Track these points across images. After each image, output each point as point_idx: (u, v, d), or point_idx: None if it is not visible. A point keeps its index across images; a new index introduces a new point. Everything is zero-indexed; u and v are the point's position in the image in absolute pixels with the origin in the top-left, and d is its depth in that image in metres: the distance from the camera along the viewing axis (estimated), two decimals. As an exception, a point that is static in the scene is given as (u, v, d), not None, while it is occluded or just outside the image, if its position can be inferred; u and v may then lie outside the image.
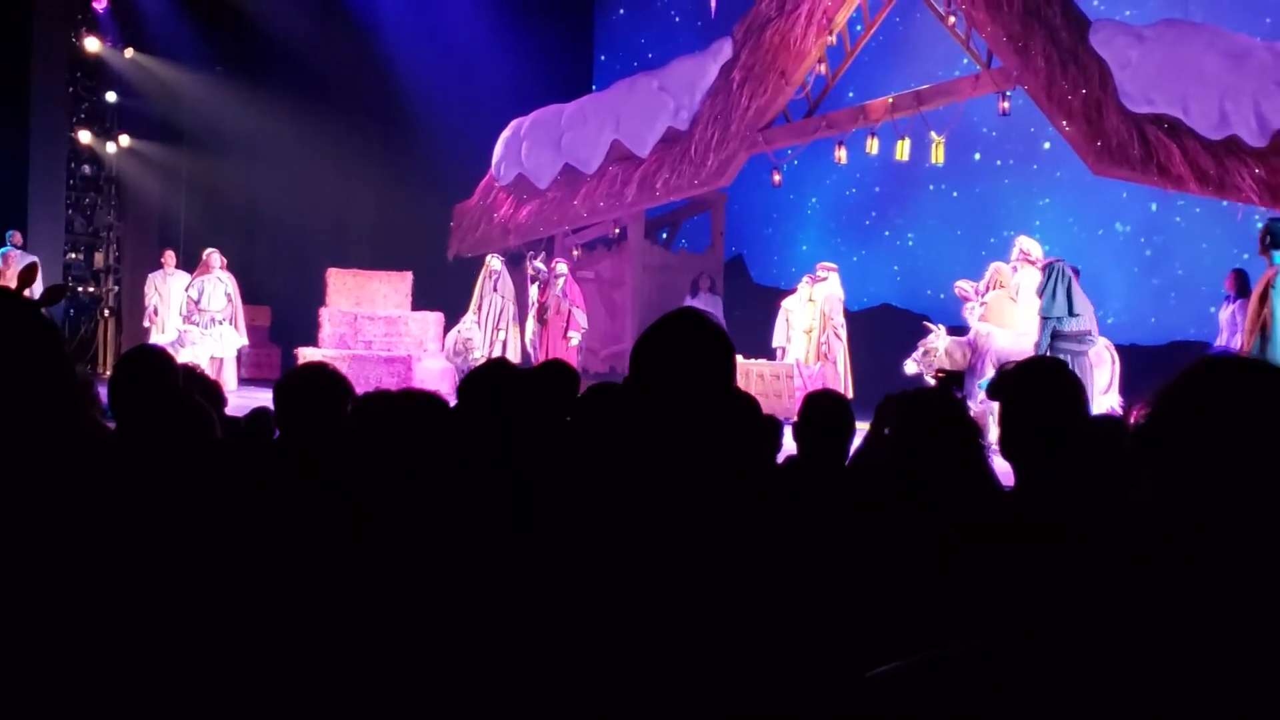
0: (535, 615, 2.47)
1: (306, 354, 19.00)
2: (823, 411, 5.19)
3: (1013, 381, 3.88)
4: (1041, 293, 13.62)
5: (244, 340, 19.19)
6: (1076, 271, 13.99)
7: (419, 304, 21.65)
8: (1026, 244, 15.58)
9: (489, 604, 2.57)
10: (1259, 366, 2.00)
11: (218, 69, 22.93)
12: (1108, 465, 4.06)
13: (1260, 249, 12.55)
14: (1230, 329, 14.95)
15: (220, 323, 18.53)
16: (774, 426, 5.81)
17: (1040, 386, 3.80)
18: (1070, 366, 13.48)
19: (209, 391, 5.88)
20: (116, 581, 2.27)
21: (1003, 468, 4.08)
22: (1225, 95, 14.77)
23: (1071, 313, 13.40)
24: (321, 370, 4.65)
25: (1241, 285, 14.95)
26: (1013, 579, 3.18)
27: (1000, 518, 3.56)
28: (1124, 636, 1.90)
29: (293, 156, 23.09)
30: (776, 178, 18.69)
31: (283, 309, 23.23)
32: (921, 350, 15.29)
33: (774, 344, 17.89)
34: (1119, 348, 15.06)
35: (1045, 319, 13.52)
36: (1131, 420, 5.49)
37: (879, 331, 19.36)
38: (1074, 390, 3.88)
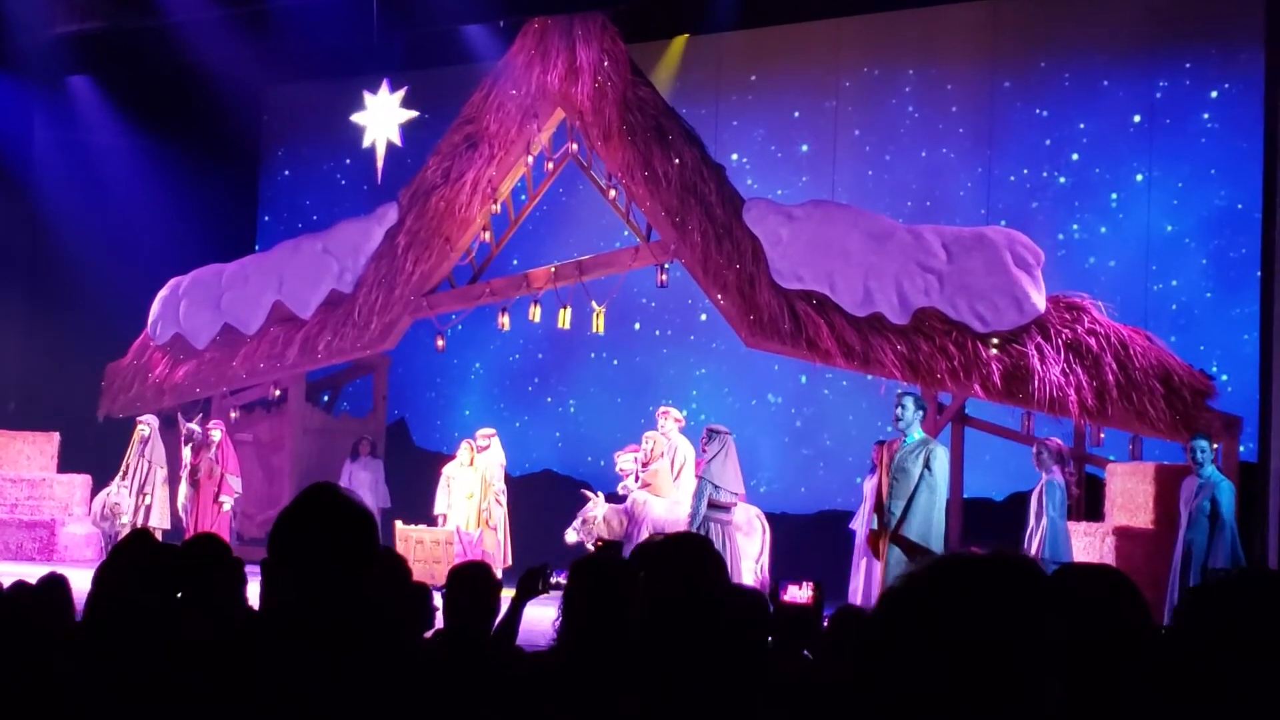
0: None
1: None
2: (464, 582, 5.13)
3: (656, 553, 3.93)
4: (709, 457, 13.86)
5: None
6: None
7: (66, 466, 20.69)
8: (674, 413, 16.00)
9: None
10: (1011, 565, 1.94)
11: None
12: (754, 635, 4.15)
13: (1036, 463, 13.12)
14: (874, 499, 15.45)
15: None
16: (422, 595, 5.69)
17: (684, 560, 3.85)
18: (718, 537, 13.73)
19: None
20: None
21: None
22: (869, 274, 15.51)
23: (733, 488, 13.71)
24: None
25: (886, 456, 15.50)
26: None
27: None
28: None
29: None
30: (440, 343, 18.74)
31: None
32: (581, 519, 15.43)
33: (435, 511, 17.70)
34: (770, 516, 15.45)
35: (704, 480, 13.75)
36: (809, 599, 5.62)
37: (540, 497, 19.42)
38: (717, 564, 3.95)
